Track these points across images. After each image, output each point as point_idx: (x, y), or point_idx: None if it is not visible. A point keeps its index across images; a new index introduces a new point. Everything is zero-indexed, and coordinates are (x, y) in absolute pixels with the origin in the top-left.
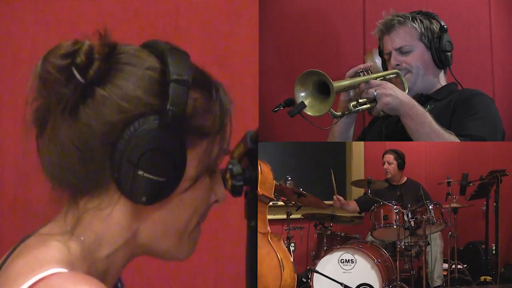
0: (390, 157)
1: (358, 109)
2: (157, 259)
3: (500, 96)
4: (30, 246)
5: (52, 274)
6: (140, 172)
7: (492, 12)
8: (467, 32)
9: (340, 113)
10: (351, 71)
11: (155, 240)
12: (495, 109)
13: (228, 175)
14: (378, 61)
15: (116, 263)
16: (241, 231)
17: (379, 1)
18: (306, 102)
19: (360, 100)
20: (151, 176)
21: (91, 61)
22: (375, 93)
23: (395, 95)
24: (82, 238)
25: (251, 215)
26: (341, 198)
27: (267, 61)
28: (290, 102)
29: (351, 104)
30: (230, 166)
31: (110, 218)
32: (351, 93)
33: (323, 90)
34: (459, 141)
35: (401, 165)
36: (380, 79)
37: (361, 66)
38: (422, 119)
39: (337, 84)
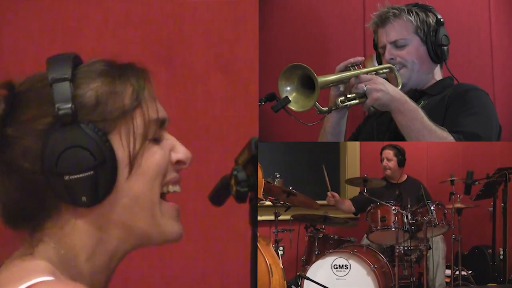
0: (389, 153)
1: (346, 105)
2: (159, 265)
3: (500, 100)
4: (14, 260)
5: (39, 282)
6: (67, 177)
7: (492, 17)
8: (467, 37)
9: (326, 108)
10: (341, 65)
11: (130, 221)
12: (491, 103)
13: (232, 181)
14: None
15: (102, 262)
16: (245, 237)
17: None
18: (290, 97)
19: (348, 96)
20: (77, 176)
21: None
22: (365, 88)
23: (385, 91)
24: (62, 252)
25: (253, 221)
26: (335, 194)
27: (267, 64)
28: (272, 97)
29: (339, 99)
30: (234, 172)
31: (75, 230)
32: (341, 87)
33: (308, 84)
34: (452, 138)
35: (401, 161)
36: (373, 74)
37: (351, 60)
38: (414, 115)
39: (322, 79)
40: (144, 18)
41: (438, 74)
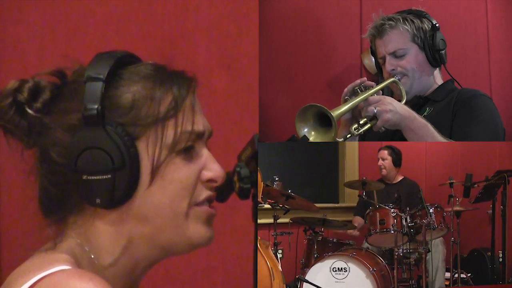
0: (384, 153)
1: (360, 132)
2: (162, 261)
3: (497, 95)
4: (38, 253)
5: (57, 271)
6: (84, 177)
7: (489, 11)
8: (464, 31)
9: (342, 138)
10: (349, 87)
11: (151, 231)
12: (495, 109)
13: (235, 178)
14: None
15: (125, 269)
16: (248, 234)
17: (376, 2)
18: (310, 136)
19: (361, 122)
20: (94, 177)
21: (38, 94)
22: (375, 111)
23: (395, 110)
24: (86, 249)
25: (253, 219)
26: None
27: (266, 62)
28: (293, 139)
29: (353, 128)
30: (238, 169)
31: (96, 228)
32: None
33: (324, 119)
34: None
35: (396, 161)
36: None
37: (358, 82)
38: (424, 131)
39: (336, 113)
40: (146, 15)
41: (438, 77)
